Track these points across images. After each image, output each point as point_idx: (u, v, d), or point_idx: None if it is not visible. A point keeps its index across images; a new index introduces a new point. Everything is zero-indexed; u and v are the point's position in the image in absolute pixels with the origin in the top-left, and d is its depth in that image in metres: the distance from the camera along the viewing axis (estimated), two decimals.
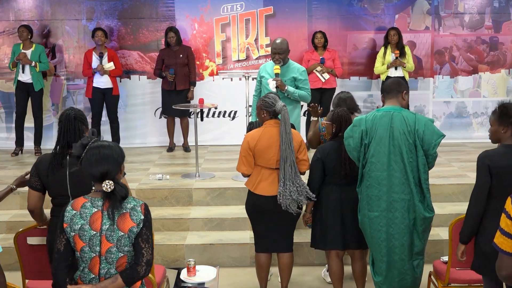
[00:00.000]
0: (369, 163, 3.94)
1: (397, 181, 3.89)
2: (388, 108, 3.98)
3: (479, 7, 8.54)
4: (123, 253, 2.70)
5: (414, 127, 3.87)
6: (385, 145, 3.89)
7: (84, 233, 2.68)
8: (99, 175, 2.69)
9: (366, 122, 3.97)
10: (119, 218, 2.68)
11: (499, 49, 8.60)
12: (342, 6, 8.48)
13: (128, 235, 2.69)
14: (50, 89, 8.46)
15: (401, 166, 3.87)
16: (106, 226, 2.68)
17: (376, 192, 3.94)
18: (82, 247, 2.69)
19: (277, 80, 5.54)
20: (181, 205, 6.06)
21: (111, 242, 2.68)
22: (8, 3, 8.41)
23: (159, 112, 8.49)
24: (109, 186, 2.66)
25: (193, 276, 4.13)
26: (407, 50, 7.97)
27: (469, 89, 8.67)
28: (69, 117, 3.67)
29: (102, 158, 2.70)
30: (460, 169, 6.70)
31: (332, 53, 8.06)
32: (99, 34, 7.76)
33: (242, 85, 6.88)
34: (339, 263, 4.49)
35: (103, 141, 2.81)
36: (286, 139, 4.23)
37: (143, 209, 2.74)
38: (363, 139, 3.95)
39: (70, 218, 2.69)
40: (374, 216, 3.97)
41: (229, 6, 8.43)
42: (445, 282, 4.10)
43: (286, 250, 4.52)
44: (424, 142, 3.87)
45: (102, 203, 2.71)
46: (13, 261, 3.94)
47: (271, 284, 4.92)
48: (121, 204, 2.69)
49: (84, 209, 2.70)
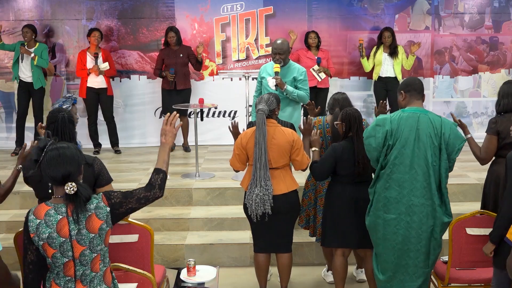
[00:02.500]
0: (391, 164, 3.84)
1: (418, 184, 3.81)
2: (414, 109, 3.89)
3: (479, 7, 8.54)
4: (96, 253, 2.68)
5: (441, 130, 3.81)
6: (410, 147, 3.80)
7: (53, 241, 2.61)
8: (60, 178, 2.60)
9: (391, 123, 3.85)
10: (86, 221, 2.63)
11: (499, 49, 8.60)
12: (342, 6, 8.48)
13: (99, 234, 2.66)
14: (50, 89, 8.46)
15: (424, 169, 3.80)
16: (74, 232, 2.62)
17: (396, 195, 3.85)
18: (54, 254, 2.63)
19: (277, 79, 5.54)
20: (181, 205, 6.06)
21: (83, 245, 2.64)
22: (8, 3, 8.40)
23: (159, 112, 8.50)
24: (72, 188, 2.58)
25: (193, 276, 4.13)
26: (400, 50, 7.99)
27: (469, 89, 8.67)
28: (64, 120, 3.68)
29: (63, 160, 2.62)
30: (460, 169, 6.70)
31: (325, 53, 8.08)
32: (96, 34, 7.78)
33: (242, 85, 6.88)
34: (344, 262, 4.48)
35: (61, 143, 2.73)
36: (258, 141, 4.22)
37: (105, 199, 2.69)
38: (387, 140, 3.84)
39: (36, 227, 2.61)
40: (390, 219, 3.88)
41: (229, 6, 8.43)
42: (445, 282, 4.10)
43: (285, 251, 4.51)
44: (448, 146, 3.82)
45: (65, 209, 2.63)
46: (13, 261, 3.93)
47: (271, 284, 4.92)
48: (85, 205, 2.62)
49: (48, 217, 2.62)
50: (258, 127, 4.25)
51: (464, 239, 4.06)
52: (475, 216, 4.09)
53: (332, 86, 8.12)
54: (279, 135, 4.33)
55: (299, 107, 5.88)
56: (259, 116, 4.26)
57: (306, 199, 4.99)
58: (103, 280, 2.72)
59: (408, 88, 3.94)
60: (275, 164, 4.33)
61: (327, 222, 4.45)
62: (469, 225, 4.06)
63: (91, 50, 7.81)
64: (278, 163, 4.34)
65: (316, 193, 4.90)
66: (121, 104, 8.39)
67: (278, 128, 4.38)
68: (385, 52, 7.97)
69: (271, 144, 4.30)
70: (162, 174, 2.84)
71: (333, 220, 4.39)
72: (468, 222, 4.06)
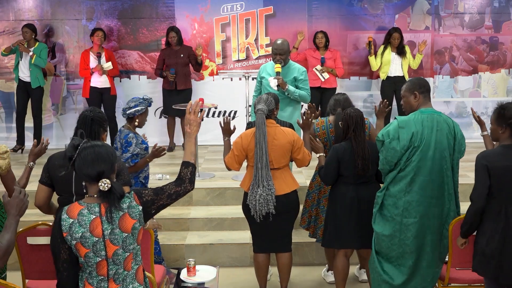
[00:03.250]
0: (416, 167, 3.79)
1: (436, 186, 3.82)
2: (431, 111, 3.89)
3: (479, 7, 8.54)
4: (129, 252, 2.69)
5: (454, 131, 3.86)
6: (432, 149, 3.79)
7: (86, 240, 2.62)
8: (95, 175, 2.61)
9: (415, 124, 3.81)
10: (119, 221, 2.64)
11: (499, 49, 8.60)
12: (342, 6, 8.48)
13: (132, 233, 2.67)
14: (50, 89, 8.46)
15: (441, 171, 3.81)
16: (108, 231, 2.63)
17: (417, 198, 3.82)
18: (86, 253, 2.64)
19: (278, 79, 5.54)
20: (181, 205, 6.05)
21: (117, 245, 2.65)
22: (8, 3, 8.40)
23: (160, 112, 8.50)
24: (106, 184, 2.59)
25: (193, 276, 4.14)
26: (407, 49, 8.03)
27: (469, 89, 8.67)
28: (86, 119, 3.77)
29: (97, 157, 2.63)
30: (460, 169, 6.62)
31: (334, 53, 8.07)
32: (99, 34, 7.78)
33: (242, 85, 6.89)
34: (346, 262, 4.48)
35: (95, 141, 2.76)
36: (259, 141, 4.23)
37: (137, 198, 2.69)
38: (412, 142, 3.79)
39: (69, 226, 2.62)
40: (411, 223, 3.85)
41: (229, 6, 8.43)
42: (445, 282, 4.10)
43: (284, 250, 4.51)
44: (459, 145, 3.88)
45: (99, 209, 2.64)
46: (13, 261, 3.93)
47: (271, 284, 4.92)
48: (119, 202, 2.63)
49: (81, 216, 2.62)
50: (258, 127, 4.25)
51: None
52: None
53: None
54: (280, 135, 4.34)
55: (300, 107, 5.88)
56: (258, 116, 4.26)
57: (309, 200, 4.97)
58: (136, 278, 2.73)
59: (422, 89, 3.91)
60: (276, 164, 4.34)
61: (329, 223, 4.44)
62: None
63: (94, 50, 7.81)
64: (280, 163, 4.35)
65: (320, 193, 4.89)
66: (121, 104, 8.37)
67: (278, 128, 4.38)
68: (392, 52, 7.98)
69: (273, 145, 4.30)
70: (191, 167, 2.81)
71: (335, 220, 4.38)
72: None
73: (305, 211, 4.99)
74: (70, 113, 8.55)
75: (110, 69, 7.78)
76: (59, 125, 8.56)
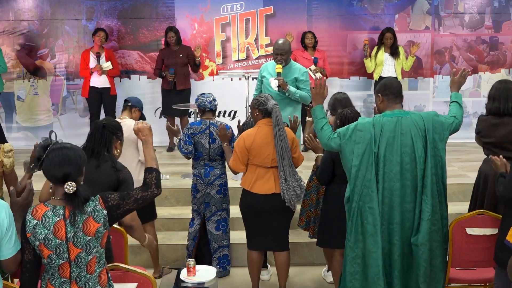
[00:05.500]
0: (383, 174, 3.62)
1: (409, 190, 3.64)
2: (397, 113, 3.70)
3: (479, 7, 8.54)
4: (92, 256, 2.68)
5: (424, 129, 3.65)
6: (398, 154, 3.61)
7: (49, 242, 2.62)
8: (61, 177, 2.61)
9: (374, 128, 3.64)
10: (83, 224, 2.63)
11: (499, 49, 8.60)
12: (342, 6, 8.48)
13: (96, 236, 2.66)
14: (50, 89, 8.47)
15: (414, 174, 3.62)
16: (71, 234, 2.62)
17: (388, 202, 3.64)
18: (49, 255, 2.64)
19: (279, 79, 5.54)
20: (181, 205, 6.05)
21: (80, 248, 2.64)
22: (8, 3, 8.40)
23: (159, 112, 8.50)
24: (71, 187, 2.59)
25: (193, 276, 4.13)
26: (401, 50, 7.99)
27: (469, 89, 8.67)
28: (98, 125, 3.90)
29: (65, 160, 2.63)
30: (460, 169, 6.69)
31: (322, 53, 8.06)
32: (101, 34, 7.79)
33: (242, 85, 6.88)
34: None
35: (65, 143, 2.75)
36: (280, 137, 4.27)
37: (102, 202, 2.69)
38: (371, 147, 3.62)
39: (33, 227, 2.62)
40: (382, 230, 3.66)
41: (229, 6, 8.43)
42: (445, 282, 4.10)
43: (282, 249, 4.54)
44: (440, 130, 3.70)
45: (63, 211, 2.63)
46: None
47: (270, 284, 4.92)
48: (83, 206, 2.62)
49: (46, 218, 2.62)
50: (277, 122, 4.29)
51: (464, 239, 4.06)
52: (475, 216, 4.09)
53: (332, 86, 8.10)
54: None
55: (299, 107, 5.88)
56: (275, 112, 4.30)
57: (307, 200, 4.97)
58: (98, 282, 2.73)
59: (386, 91, 3.73)
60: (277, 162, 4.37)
61: (323, 222, 4.47)
62: (469, 225, 4.05)
63: (94, 50, 7.81)
64: None
65: (318, 194, 4.88)
66: (121, 104, 8.37)
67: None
68: (386, 52, 7.97)
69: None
70: (154, 172, 2.87)
71: (330, 220, 4.40)
72: (468, 222, 4.06)
73: (303, 211, 4.99)
74: (70, 113, 8.56)
75: (110, 69, 7.78)
76: (59, 125, 8.56)
